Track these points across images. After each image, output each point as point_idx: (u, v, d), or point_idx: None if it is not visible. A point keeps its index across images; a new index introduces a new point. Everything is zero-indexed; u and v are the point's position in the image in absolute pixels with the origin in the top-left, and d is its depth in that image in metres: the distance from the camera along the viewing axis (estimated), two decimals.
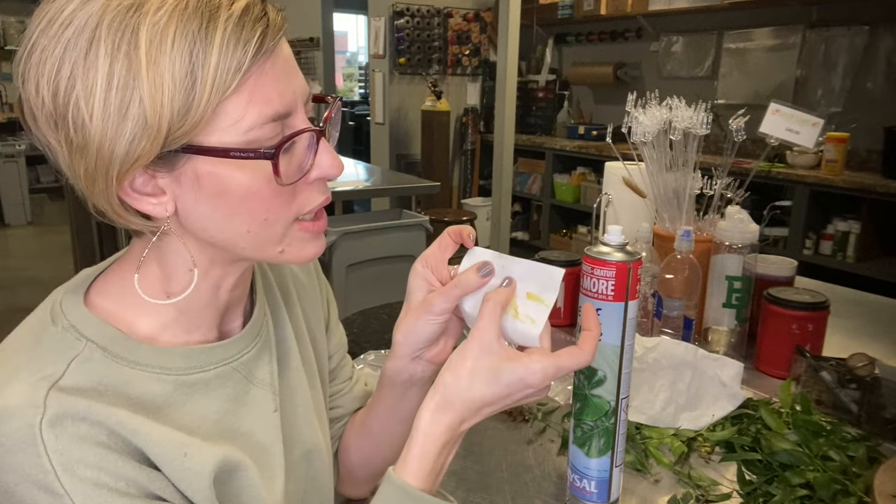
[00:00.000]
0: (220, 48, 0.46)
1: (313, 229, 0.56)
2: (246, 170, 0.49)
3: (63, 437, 0.46)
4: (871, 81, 3.58)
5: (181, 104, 0.45)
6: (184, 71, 0.45)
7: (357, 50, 10.17)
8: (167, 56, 0.45)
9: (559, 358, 0.56)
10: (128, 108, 0.45)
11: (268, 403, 0.62)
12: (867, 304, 1.55)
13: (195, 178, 0.49)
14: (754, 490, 0.82)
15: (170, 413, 0.54)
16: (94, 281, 0.57)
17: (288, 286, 0.72)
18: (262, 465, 0.60)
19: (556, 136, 5.20)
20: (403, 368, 0.65)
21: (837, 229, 3.40)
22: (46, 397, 0.47)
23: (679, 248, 1.15)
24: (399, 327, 0.63)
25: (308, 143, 0.53)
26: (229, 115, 0.47)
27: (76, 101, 0.45)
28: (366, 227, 2.78)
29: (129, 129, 0.45)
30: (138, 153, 0.46)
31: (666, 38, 4.58)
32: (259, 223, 0.52)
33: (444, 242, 0.64)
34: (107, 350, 0.52)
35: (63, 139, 0.47)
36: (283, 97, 0.50)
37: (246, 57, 0.47)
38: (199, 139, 0.48)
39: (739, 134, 1.19)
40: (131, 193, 0.50)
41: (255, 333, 0.63)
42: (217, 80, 0.46)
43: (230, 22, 0.46)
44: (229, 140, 0.48)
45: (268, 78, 0.49)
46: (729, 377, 0.99)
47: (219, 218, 0.51)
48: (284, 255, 0.56)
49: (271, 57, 0.49)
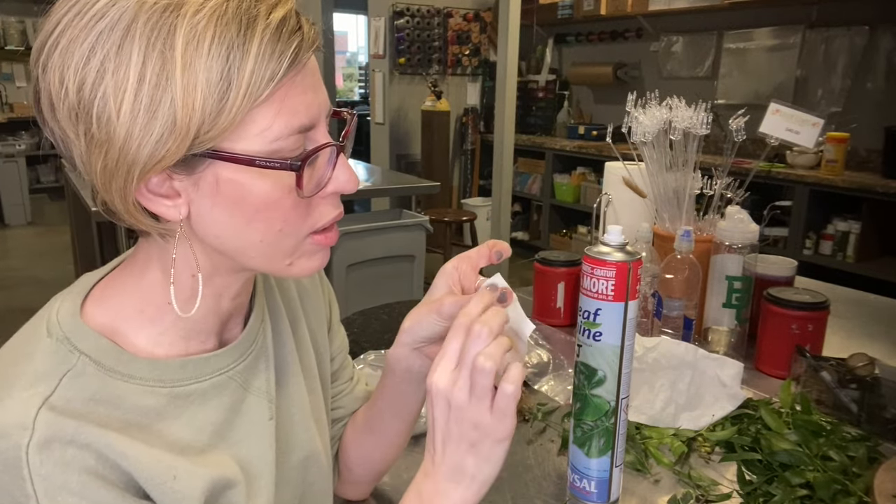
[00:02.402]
0: (257, 56, 0.46)
1: (325, 241, 0.56)
2: (268, 179, 0.49)
3: (48, 462, 0.46)
4: (871, 81, 3.58)
5: (213, 108, 0.45)
6: (218, 75, 0.45)
7: (357, 50, 10.17)
8: (203, 59, 0.45)
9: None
10: (158, 107, 0.45)
11: (263, 412, 0.62)
12: (867, 304, 1.55)
13: (215, 184, 0.49)
14: (754, 490, 0.82)
15: (164, 426, 0.54)
16: (94, 287, 0.57)
17: (290, 289, 0.72)
18: (252, 477, 0.60)
19: (556, 136, 5.21)
20: (404, 357, 0.65)
21: (837, 229, 3.40)
22: (36, 418, 0.47)
23: (679, 248, 1.15)
24: (409, 316, 0.64)
25: (329, 158, 0.53)
26: (257, 123, 0.47)
27: (104, 95, 0.45)
28: (366, 227, 2.78)
29: (157, 128, 0.45)
30: (163, 154, 0.46)
31: (666, 38, 4.58)
32: (274, 234, 0.52)
33: (482, 251, 0.64)
34: (100, 364, 0.52)
35: (83, 133, 0.46)
36: (310, 110, 0.50)
37: (280, 67, 0.47)
38: (225, 145, 0.47)
39: (739, 134, 1.19)
40: (146, 194, 0.49)
41: (251, 341, 0.62)
42: (251, 87, 0.46)
43: (268, 31, 0.46)
44: (255, 148, 0.48)
45: (297, 90, 0.49)
46: (729, 377, 0.99)
47: (233, 225, 0.51)
48: (292, 268, 0.55)
49: (302, 70, 0.49)
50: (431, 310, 0.61)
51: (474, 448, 0.53)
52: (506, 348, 0.53)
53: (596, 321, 0.70)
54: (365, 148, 5.84)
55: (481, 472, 0.54)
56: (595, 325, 0.70)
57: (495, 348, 0.52)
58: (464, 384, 0.52)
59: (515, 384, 0.52)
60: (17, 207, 6.15)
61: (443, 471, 0.54)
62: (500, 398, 0.52)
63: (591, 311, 0.70)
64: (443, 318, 0.60)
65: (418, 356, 0.65)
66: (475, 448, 0.53)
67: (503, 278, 0.61)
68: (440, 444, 0.54)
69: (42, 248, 5.43)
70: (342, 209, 0.57)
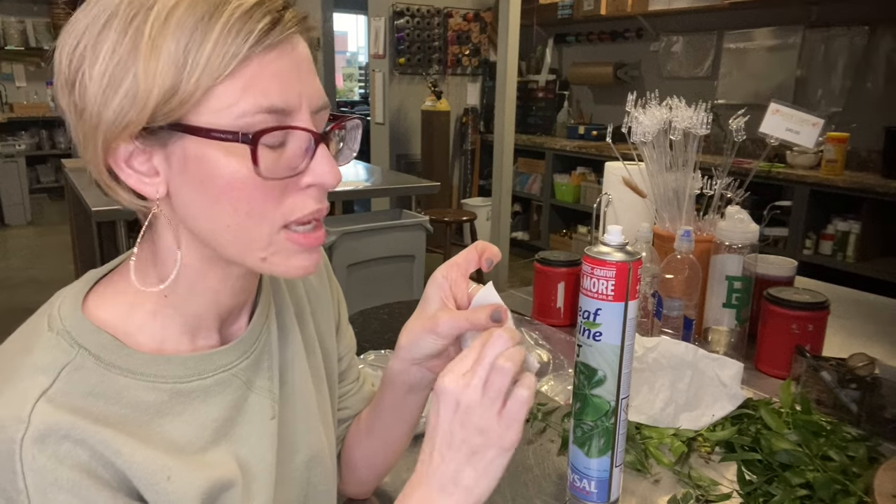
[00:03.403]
0: (220, 34, 0.48)
1: (303, 241, 0.54)
2: (231, 156, 0.49)
3: (41, 457, 0.46)
4: (871, 81, 3.58)
5: (171, 83, 0.48)
6: (178, 52, 0.47)
7: (357, 50, 10.17)
8: (168, 34, 0.47)
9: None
10: (122, 79, 0.48)
11: (265, 411, 0.62)
12: (867, 304, 1.55)
13: (183, 160, 0.50)
14: (754, 490, 0.82)
15: (164, 424, 0.54)
16: (96, 283, 0.57)
17: (298, 287, 0.71)
18: (250, 477, 0.59)
19: (556, 136, 5.21)
20: (404, 371, 0.65)
21: (837, 229, 3.40)
22: (32, 411, 0.47)
23: (679, 248, 1.15)
24: (405, 333, 0.63)
25: (306, 147, 0.52)
26: (220, 98, 0.48)
27: (85, 68, 0.49)
28: (366, 227, 2.78)
29: (119, 97, 0.48)
30: (126, 121, 0.48)
31: (666, 38, 4.58)
32: (241, 217, 0.51)
33: (471, 256, 0.63)
34: (100, 358, 0.52)
35: (72, 104, 0.51)
36: (285, 94, 0.50)
37: (244, 46, 0.48)
38: (188, 118, 0.49)
39: (739, 134, 1.19)
40: (125, 169, 0.51)
41: (255, 338, 0.62)
42: (210, 64, 0.48)
43: (237, 11, 0.48)
44: (220, 123, 0.49)
45: (270, 71, 0.49)
46: (729, 377, 0.99)
47: (203, 205, 0.51)
48: (266, 264, 0.54)
49: (277, 51, 0.50)
50: (427, 328, 0.60)
51: (475, 456, 0.51)
52: (523, 357, 0.52)
53: (596, 321, 0.70)
54: (365, 148, 5.84)
55: (478, 486, 0.52)
56: (595, 325, 0.70)
57: (516, 352, 0.51)
58: (478, 383, 0.50)
59: (531, 390, 0.51)
60: (17, 207, 6.15)
61: (437, 480, 0.52)
62: (512, 403, 0.51)
63: (591, 311, 0.70)
64: (440, 337, 0.60)
65: (418, 369, 0.65)
66: (476, 457, 0.51)
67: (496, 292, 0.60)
68: (439, 450, 0.52)
69: (42, 248, 5.43)
70: (326, 205, 0.55)
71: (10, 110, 6.65)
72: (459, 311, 0.60)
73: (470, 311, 0.59)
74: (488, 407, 0.50)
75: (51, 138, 6.94)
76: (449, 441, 0.51)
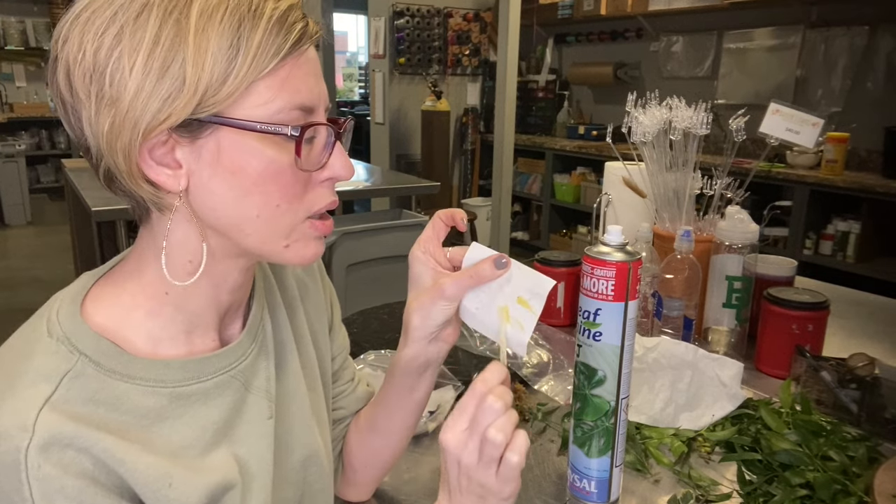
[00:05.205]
0: (265, 31, 0.50)
1: (322, 228, 0.57)
2: (268, 150, 0.52)
3: (46, 465, 0.46)
4: (871, 81, 3.58)
5: (221, 73, 0.48)
6: (228, 42, 0.49)
7: (357, 50, 10.16)
8: (216, 27, 0.48)
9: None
10: (170, 66, 0.48)
11: (263, 411, 0.62)
12: (867, 304, 1.55)
13: (217, 151, 0.51)
14: (754, 490, 0.82)
15: (164, 428, 0.54)
16: (93, 286, 0.57)
17: (290, 287, 0.71)
18: (249, 477, 0.60)
19: (556, 136, 5.21)
20: (420, 352, 0.66)
21: (837, 229, 3.40)
22: (37, 420, 0.47)
23: (679, 248, 1.15)
24: (415, 312, 0.64)
25: (326, 142, 0.56)
26: (261, 94, 0.50)
27: (119, 56, 0.48)
28: (366, 227, 2.78)
29: (166, 87, 0.48)
30: (169, 112, 0.48)
31: (666, 38, 4.58)
32: (271, 209, 0.53)
33: (437, 226, 0.66)
34: (100, 364, 0.52)
35: (94, 93, 0.49)
36: (311, 93, 0.54)
37: (286, 44, 0.50)
38: (229, 111, 0.50)
39: (739, 134, 1.19)
40: (148, 160, 0.51)
41: (253, 337, 0.63)
42: (257, 58, 0.49)
43: (276, 12, 0.51)
44: (258, 116, 0.51)
45: (300, 72, 0.53)
46: (729, 377, 0.99)
47: (232, 197, 0.52)
48: (288, 252, 0.56)
49: (304, 56, 0.53)
50: (435, 297, 0.62)
51: (482, 500, 0.56)
52: (515, 423, 0.55)
53: (596, 321, 0.70)
54: (365, 148, 5.84)
55: None
56: (595, 325, 0.70)
57: (506, 421, 0.54)
58: (474, 449, 0.54)
59: (520, 455, 0.54)
60: (17, 207, 6.15)
61: None
62: (504, 468, 0.54)
63: (591, 311, 0.70)
64: (450, 300, 0.62)
65: (434, 344, 0.66)
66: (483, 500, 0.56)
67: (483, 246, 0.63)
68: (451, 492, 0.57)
69: (42, 248, 5.43)
70: (337, 198, 0.59)
71: (10, 110, 6.65)
72: (459, 272, 0.63)
73: (472, 268, 0.62)
74: (485, 469, 0.55)
75: (51, 138, 6.94)
76: (458, 488, 0.57)
